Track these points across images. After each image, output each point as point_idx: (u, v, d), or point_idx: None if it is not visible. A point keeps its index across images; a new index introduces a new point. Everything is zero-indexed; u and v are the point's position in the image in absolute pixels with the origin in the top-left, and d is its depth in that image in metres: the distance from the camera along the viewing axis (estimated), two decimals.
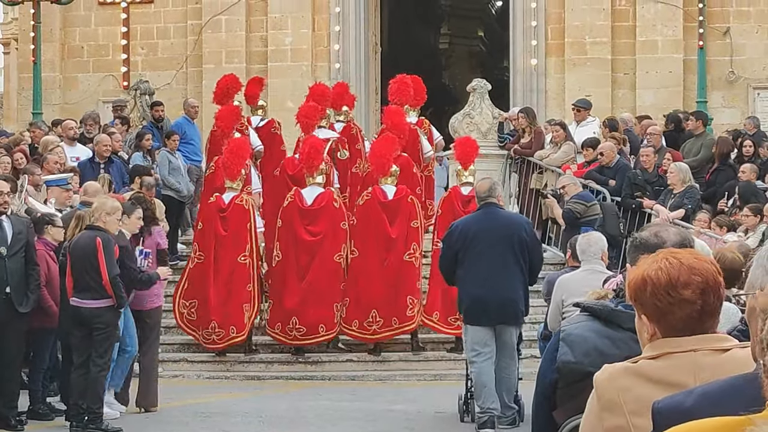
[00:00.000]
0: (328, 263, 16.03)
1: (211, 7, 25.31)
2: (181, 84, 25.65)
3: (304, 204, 16.21)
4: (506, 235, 12.10)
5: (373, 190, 16.28)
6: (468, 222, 12.43)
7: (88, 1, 26.01)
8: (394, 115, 17.96)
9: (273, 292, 16.36)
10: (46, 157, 17.07)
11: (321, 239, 16.09)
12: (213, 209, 16.25)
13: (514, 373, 12.29)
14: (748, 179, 17.82)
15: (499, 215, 12.40)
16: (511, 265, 12.09)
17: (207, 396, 14.57)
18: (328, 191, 16.36)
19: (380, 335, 16.04)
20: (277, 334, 16.24)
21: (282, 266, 16.21)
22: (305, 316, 15.97)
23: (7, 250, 12.31)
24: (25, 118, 24.54)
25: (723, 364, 3.48)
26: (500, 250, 12.03)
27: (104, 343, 12.28)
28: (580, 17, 24.48)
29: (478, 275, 11.99)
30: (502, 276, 12.03)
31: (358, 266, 16.06)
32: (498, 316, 12.07)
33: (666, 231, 4.71)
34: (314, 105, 18.10)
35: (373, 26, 26.26)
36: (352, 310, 16.03)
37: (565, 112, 22.78)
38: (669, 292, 3.53)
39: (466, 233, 12.12)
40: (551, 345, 4.96)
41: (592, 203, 17.10)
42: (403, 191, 16.24)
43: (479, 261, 12.01)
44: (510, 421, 12.15)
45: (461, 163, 16.63)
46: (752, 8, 24.44)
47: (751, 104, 24.36)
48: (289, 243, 16.17)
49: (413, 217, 16.11)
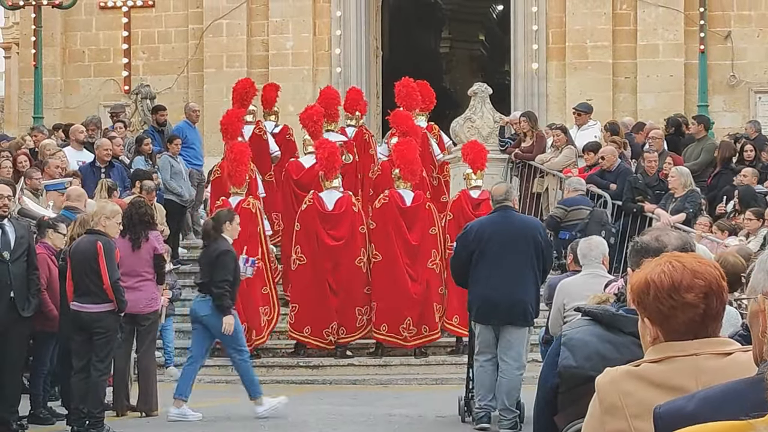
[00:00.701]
0: (351, 268, 16.13)
1: (212, 11, 25.34)
2: (182, 88, 25.68)
3: (324, 208, 16.23)
4: (521, 237, 12.23)
5: (390, 194, 16.33)
6: (483, 224, 12.55)
7: (89, 6, 26.03)
8: (406, 120, 17.96)
9: (296, 295, 16.35)
10: (47, 162, 17.08)
11: (344, 244, 16.17)
12: None
13: (516, 376, 12.21)
14: (749, 183, 17.82)
15: (515, 218, 12.55)
16: (525, 267, 12.21)
17: (208, 401, 14.55)
18: (346, 195, 16.41)
19: (412, 342, 16.19)
20: (306, 337, 16.27)
21: (306, 270, 16.21)
22: (340, 319, 16.11)
23: (10, 254, 12.30)
24: (26, 122, 24.56)
25: (725, 368, 3.48)
26: (515, 252, 12.14)
27: (105, 347, 12.27)
28: (581, 21, 24.49)
29: (491, 277, 12.11)
30: (515, 278, 12.13)
31: (383, 271, 16.12)
32: (506, 316, 12.15)
33: (667, 235, 4.71)
34: (319, 108, 18.11)
35: (374, 30, 26.27)
36: (381, 315, 16.10)
37: (566, 116, 22.79)
38: (672, 296, 3.52)
39: (481, 235, 12.23)
40: (552, 349, 4.95)
41: (572, 208, 17.28)
42: (421, 198, 16.33)
43: (494, 263, 12.13)
44: (511, 425, 12.10)
45: (471, 167, 16.80)
46: (753, 12, 24.45)
47: (752, 108, 24.37)
48: (312, 247, 16.19)
49: (431, 224, 16.22)
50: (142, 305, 13.24)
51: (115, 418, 13.07)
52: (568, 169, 19.38)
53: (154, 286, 13.49)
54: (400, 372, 16.35)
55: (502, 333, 12.22)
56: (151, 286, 13.40)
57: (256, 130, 18.56)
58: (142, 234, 13.28)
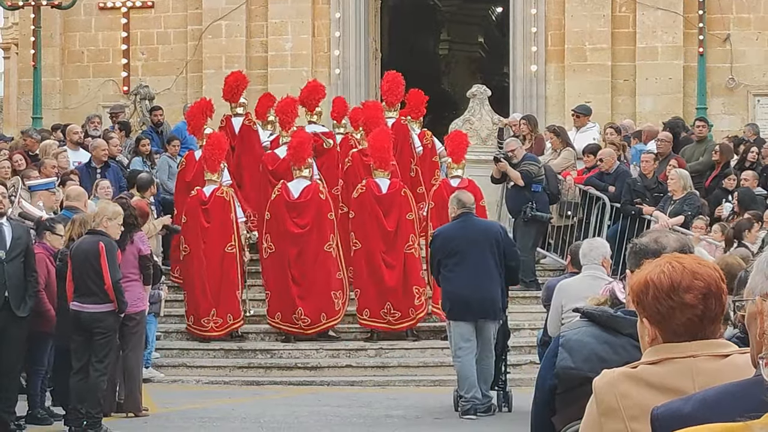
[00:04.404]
0: (318, 254, 16.62)
1: (211, 12, 25.32)
2: (181, 89, 25.67)
3: (290, 197, 16.76)
4: (483, 239, 13.52)
5: (368, 183, 16.83)
6: (448, 230, 13.93)
7: (88, 6, 26.02)
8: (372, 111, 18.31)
9: (268, 283, 16.86)
10: (44, 162, 17.07)
11: (308, 231, 16.65)
12: (195, 202, 16.90)
13: (491, 365, 13.60)
14: (749, 186, 17.83)
15: (476, 223, 13.91)
16: (489, 266, 13.47)
17: (206, 401, 14.56)
18: (314, 183, 16.91)
19: (398, 326, 16.64)
20: (279, 323, 16.78)
21: (275, 258, 16.72)
22: (305, 306, 16.51)
23: (5, 254, 12.29)
24: (25, 122, 24.53)
25: (722, 369, 3.48)
26: (478, 253, 13.45)
27: (104, 347, 12.28)
28: (580, 23, 24.49)
29: (459, 277, 13.41)
30: (481, 276, 13.37)
31: (362, 258, 16.65)
32: (479, 311, 13.40)
33: (666, 237, 4.71)
34: (291, 100, 18.50)
35: (373, 32, 26.27)
36: (363, 300, 16.63)
37: (565, 118, 22.78)
38: (671, 296, 3.52)
39: (446, 240, 13.65)
40: (550, 350, 4.95)
41: (541, 164, 18.34)
42: (397, 185, 16.85)
43: (460, 264, 13.46)
44: (486, 408, 13.43)
45: (452, 157, 17.46)
46: (752, 15, 24.45)
47: (751, 111, 24.36)
48: (278, 235, 16.70)
49: (408, 209, 16.74)
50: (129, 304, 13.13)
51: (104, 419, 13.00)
52: (567, 171, 19.38)
53: (140, 286, 13.44)
54: (398, 373, 16.36)
55: (478, 328, 13.43)
56: (136, 286, 13.35)
57: (246, 121, 18.92)
58: (126, 236, 13.20)
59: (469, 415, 13.29)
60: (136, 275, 13.33)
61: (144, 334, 13.99)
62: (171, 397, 14.55)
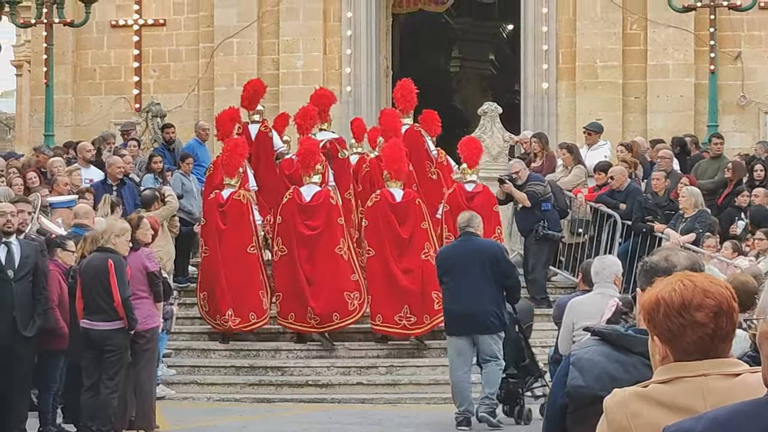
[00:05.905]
0: (329, 255, 16.86)
1: (223, 30, 25.39)
2: (192, 106, 25.72)
3: (302, 201, 17.04)
4: (478, 258, 13.92)
5: (382, 192, 17.11)
6: (448, 249, 14.72)
7: (100, 24, 26.08)
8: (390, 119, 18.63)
9: (280, 284, 17.05)
10: (56, 179, 17.10)
11: (319, 233, 16.91)
12: (213, 205, 17.34)
13: (496, 371, 13.86)
14: (760, 203, 17.80)
15: (475, 242, 14.20)
16: (484, 283, 13.84)
17: (217, 418, 14.54)
18: (325, 189, 17.22)
19: (414, 331, 16.81)
20: (292, 323, 16.97)
21: (286, 260, 16.97)
22: (317, 305, 16.71)
23: (14, 274, 12.27)
24: (37, 140, 24.59)
25: (733, 388, 3.47)
26: (473, 271, 13.84)
27: (115, 365, 12.27)
28: (591, 41, 24.50)
29: (455, 293, 13.94)
30: (475, 293, 13.73)
31: (376, 264, 16.90)
32: (473, 327, 13.78)
33: (676, 255, 4.70)
34: (312, 108, 18.65)
35: (384, 49, 26.30)
36: (375, 305, 16.79)
37: (576, 136, 22.77)
38: (681, 314, 3.51)
39: (445, 259, 14.29)
40: (561, 369, 4.93)
41: (546, 183, 18.46)
42: (411, 194, 17.12)
43: (455, 281, 13.97)
44: (489, 409, 13.73)
45: (467, 162, 17.71)
46: (763, 33, 24.44)
47: (763, 128, 24.34)
48: (290, 238, 16.95)
49: (421, 219, 17.01)
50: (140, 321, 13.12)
51: None
52: (578, 188, 19.36)
53: (149, 303, 13.28)
54: (409, 391, 16.34)
55: (477, 342, 13.81)
56: (147, 303, 13.15)
57: (262, 128, 19.10)
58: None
59: (463, 425, 13.61)
60: (145, 292, 13.26)
61: (156, 352, 13.96)
62: (182, 415, 14.54)
